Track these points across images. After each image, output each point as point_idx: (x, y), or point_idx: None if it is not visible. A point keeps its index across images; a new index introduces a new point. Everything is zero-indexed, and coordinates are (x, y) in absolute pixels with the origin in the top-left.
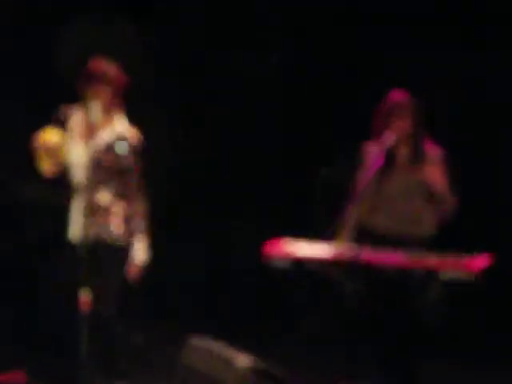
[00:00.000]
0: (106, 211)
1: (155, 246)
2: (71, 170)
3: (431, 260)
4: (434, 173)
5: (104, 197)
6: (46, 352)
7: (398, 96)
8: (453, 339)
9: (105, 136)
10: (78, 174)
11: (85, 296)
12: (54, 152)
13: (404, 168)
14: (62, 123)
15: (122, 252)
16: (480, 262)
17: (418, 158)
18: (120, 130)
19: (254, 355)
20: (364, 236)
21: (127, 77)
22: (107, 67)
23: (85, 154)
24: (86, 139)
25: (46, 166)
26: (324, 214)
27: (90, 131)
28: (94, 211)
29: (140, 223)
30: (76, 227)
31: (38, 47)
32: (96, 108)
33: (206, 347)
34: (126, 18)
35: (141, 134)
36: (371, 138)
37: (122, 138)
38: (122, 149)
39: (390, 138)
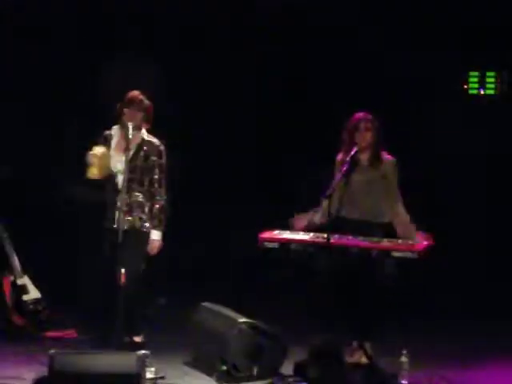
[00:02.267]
0: (138, 205)
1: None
2: (114, 176)
3: (385, 243)
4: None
5: (137, 195)
6: (92, 314)
7: (361, 114)
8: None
9: (136, 144)
10: (119, 178)
11: (121, 271)
12: (100, 161)
13: (365, 170)
14: (105, 141)
15: (146, 235)
16: (422, 244)
17: (376, 161)
18: (147, 138)
19: (251, 316)
20: (336, 223)
21: (152, 105)
22: (142, 97)
23: (123, 162)
24: (123, 151)
25: (94, 172)
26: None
27: (127, 145)
28: (130, 206)
29: (159, 212)
30: (118, 218)
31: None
32: (131, 127)
33: (213, 309)
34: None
35: (161, 142)
36: (341, 148)
37: (148, 144)
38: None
39: (353, 149)
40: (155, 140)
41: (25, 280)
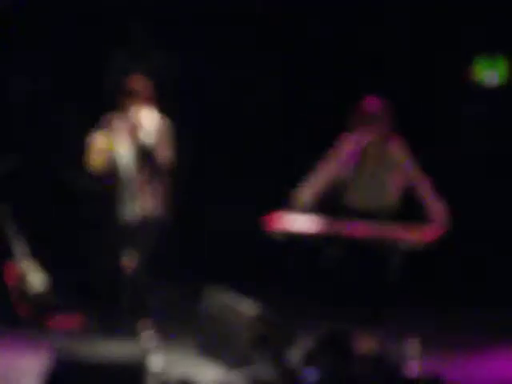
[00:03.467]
0: (148, 194)
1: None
2: (119, 165)
3: (393, 231)
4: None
5: (147, 181)
6: (99, 300)
7: (373, 105)
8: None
9: (144, 129)
10: (126, 166)
11: (129, 258)
12: (103, 153)
13: (374, 160)
14: (107, 128)
15: (159, 221)
16: (430, 233)
17: (386, 148)
18: (154, 122)
19: (258, 303)
20: (346, 212)
21: (154, 89)
22: (139, 84)
23: (131, 149)
24: (130, 138)
25: (96, 164)
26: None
27: (132, 131)
28: (140, 195)
29: (164, 199)
30: (128, 207)
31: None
32: (135, 113)
33: (220, 298)
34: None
35: (169, 123)
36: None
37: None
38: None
39: (365, 139)
40: (160, 118)
41: (30, 268)
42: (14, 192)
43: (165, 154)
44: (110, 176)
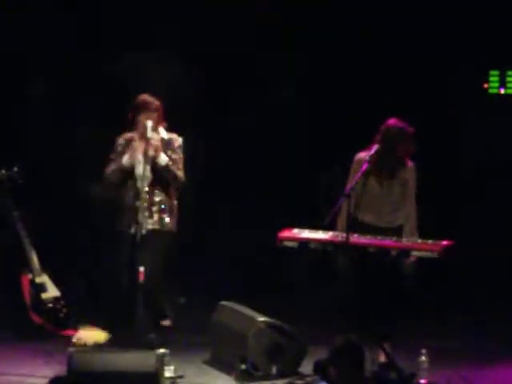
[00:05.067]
0: (160, 206)
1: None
2: (135, 177)
3: (405, 242)
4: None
5: (159, 195)
6: (112, 312)
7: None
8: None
9: (156, 143)
10: (139, 181)
11: (141, 269)
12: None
13: (385, 175)
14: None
15: (168, 234)
16: (441, 245)
17: (400, 167)
18: (166, 137)
19: (270, 315)
20: (354, 226)
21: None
22: (151, 99)
23: (144, 163)
24: (143, 152)
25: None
26: (326, 208)
27: (146, 147)
28: (152, 207)
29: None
30: (140, 218)
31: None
32: (148, 128)
33: (232, 309)
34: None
35: (180, 137)
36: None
37: (167, 143)
38: (164, 160)
39: (373, 149)
40: (173, 136)
41: (44, 278)
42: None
43: (176, 169)
44: (123, 187)
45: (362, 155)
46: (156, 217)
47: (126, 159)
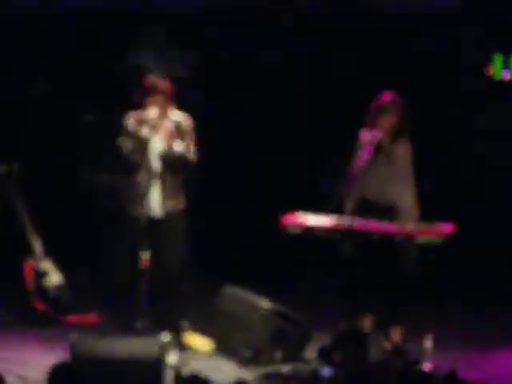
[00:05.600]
0: (175, 188)
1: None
2: (150, 159)
3: (409, 227)
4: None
5: (171, 176)
6: (116, 298)
7: (386, 96)
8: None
9: (167, 127)
10: (153, 163)
11: (145, 256)
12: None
13: (388, 155)
14: (128, 130)
15: (184, 214)
16: (446, 229)
17: (393, 145)
18: (175, 118)
19: (274, 301)
20: (360, 206)
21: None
22: (157, 81)
23: (156, 145)
24: (153, 135)
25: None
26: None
27: (154, 128)
28: (167, 189)
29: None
30: (154, 203)
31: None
32: (153, 111)
33: (236, 294)
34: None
35: (191, 117)
36: (365, 126)
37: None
38: (179, 147)
39: (377, 134)
40: (182, 116)
41: (47, 265)
42: (30, 189)
43: (188, 151)
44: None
45: (366, 134)
46: (171, 198)
47: (144, 131)
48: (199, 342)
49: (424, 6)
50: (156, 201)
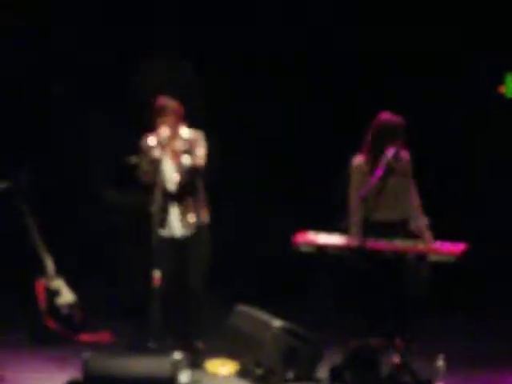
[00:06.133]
0: (192, 206)
1: None
2: (164, 179)
3: (421, 246)
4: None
5: (190, 197)
6: (128, 317)
7: (391, 118)
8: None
9: (178, 148)
10: (169, 181)
11: (157, 274)
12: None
13: (396, 175)
14: (144, 151)
15: (205, 229)
16: (458, 248)
17: (400, 160)
18: (186, 137)
19: (285, 320)
20: (370, 227)
21: (183, 106)
22: (167, 102)
23: (170, 167)
24: (171, 158)
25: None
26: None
27: (165, 149)
28: (186, 207)
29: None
30: (174, 222)
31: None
32: (165, 132)
33: (248, 313)
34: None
35: (204, 135)
36: (360, 151)
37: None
38: (187, 161)
39: (390, 152)
40: (195, 133)
41: (59, 283)
42: (43, 206)
43: (197, 157)
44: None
45: (360, 159)
46: (192, 216)
47: (156, 152)
48: (220, 364)
49: None
50: (176, 219)
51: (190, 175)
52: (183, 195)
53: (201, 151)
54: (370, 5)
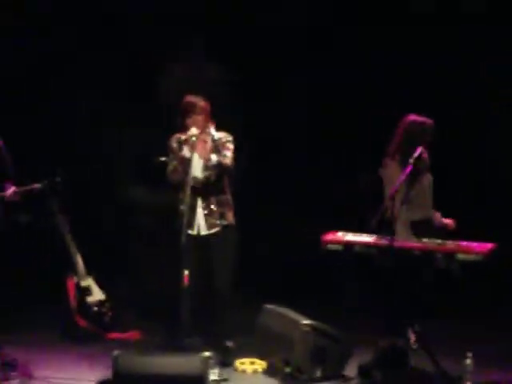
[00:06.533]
0: (218, 206)
1: None
2: (191, 178)
3: (449, 245)
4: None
5: (216, 197)
6: (157, 316)
7: (422, 118)
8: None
9: (207, 146)
10: (196, 180)
11: (187, 273)
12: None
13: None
14: (173, 150)
15: (231, 228)
16: (486, 247)
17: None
18: (215, 137)
19: (314, 318)
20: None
21: (210, 104)
22: (195, 100)
23: (198, 165)
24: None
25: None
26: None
27: (194, 147)
28: (212, 207)
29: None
30: (199, 221)
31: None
32: (194, 130)
33: (277, 312)
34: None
35: (230, 135)
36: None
37: (218, 143)
38: (215, 159)
39: (417, 152)
40: (223, 134)
41: (89, 281)
42: (74, 206)
43: (224, 157)
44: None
45: (389, 160)
46: (217, 216)
47: (185, 150)
48: (249, 363)
49: None
50: (201, 219)
51: (216, 174)
52: (209, 194)
53: (229, 153)
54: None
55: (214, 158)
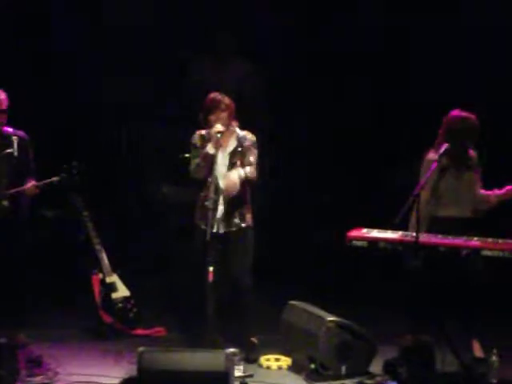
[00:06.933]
0: (239, 204)
1: None
2: (215, 176)
3: (475, 241)
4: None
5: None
6: (182, 312)
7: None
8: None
9: (231, 144)
10: (220, 177)
11: (211, 270)
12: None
13: (459, 167)
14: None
15: (250, 230)
16: None
17: (468, 157)
18: (240, 134)
19: (339, 315)
20: (435, 223)
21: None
22: (220, 97)
23: (222, 162)
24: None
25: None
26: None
27: (218, 144)
28: (232, 206)
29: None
30: (218, 218)
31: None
32: (218, 127)
33: (302, 308)
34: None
35: (253, 135)
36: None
37: (243, 140)
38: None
39: (443, 148)
40: (247, 133)
41: (114, 278)
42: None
43: (250, 166)
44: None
45: (431, 155)
46: (236, 215)
47: (209, 147)
48: (274, 359)
49: None
50: (220, 217)
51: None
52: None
53: (252, 158)
54: None
55: (240, 173)
